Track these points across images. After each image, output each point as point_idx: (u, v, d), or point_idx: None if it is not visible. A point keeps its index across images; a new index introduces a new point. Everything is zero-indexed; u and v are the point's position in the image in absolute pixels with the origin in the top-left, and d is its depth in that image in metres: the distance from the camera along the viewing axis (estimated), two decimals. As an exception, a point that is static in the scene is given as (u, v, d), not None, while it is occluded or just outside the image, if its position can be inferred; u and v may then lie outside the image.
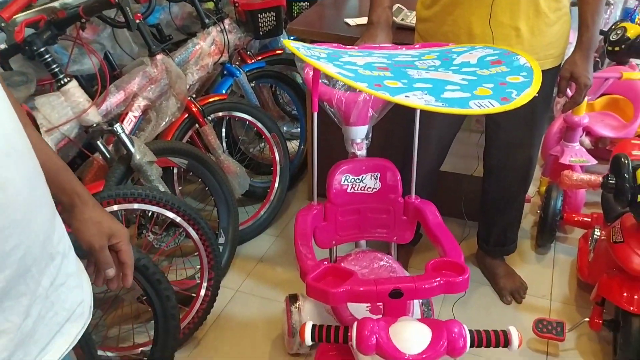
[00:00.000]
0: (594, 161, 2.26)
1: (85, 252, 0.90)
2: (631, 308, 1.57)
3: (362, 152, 1.54)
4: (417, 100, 0.92)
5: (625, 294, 1.59)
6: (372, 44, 1.59)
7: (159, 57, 2.01)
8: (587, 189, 1.67)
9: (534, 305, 2.00)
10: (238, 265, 2.20)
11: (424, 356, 1.02)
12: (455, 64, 1.12)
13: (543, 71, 1.61)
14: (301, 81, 2.72)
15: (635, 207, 1.53)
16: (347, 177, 1.47)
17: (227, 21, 2.35)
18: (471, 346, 1.05)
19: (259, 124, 2.32)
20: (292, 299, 1.69)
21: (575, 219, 2.22)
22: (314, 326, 1.09)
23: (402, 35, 1.99)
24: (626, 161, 1.56)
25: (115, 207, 1.64)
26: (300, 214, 1.46)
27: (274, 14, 2.45)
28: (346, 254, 1.59)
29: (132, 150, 1.77)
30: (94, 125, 1.77)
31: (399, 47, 1.40)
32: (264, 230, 2.39)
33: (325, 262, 1.43)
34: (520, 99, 0.96)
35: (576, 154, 2.26)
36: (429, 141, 1.77)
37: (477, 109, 0.91)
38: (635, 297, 1.58)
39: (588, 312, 1.81)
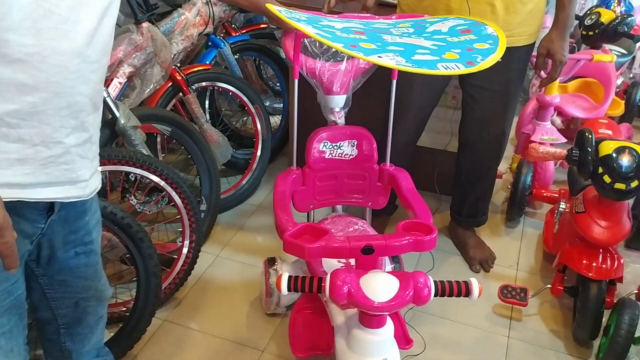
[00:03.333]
0: (563, 140, 2.37)
1: None
2: (590, 274, 1.67)
3: (341, 120, 1.60)
4: (389, 61, 0.99)
5: (584, 261, 1.69)
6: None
7: (145, 25, 2.04)
8: (552, 160, 1.76)
9: (501, 274, 2.10)
10: (219, 232, 2.26)
11: (392, 303, 1.10)
12: (428, 31, 1.19)
13: (516, 48, 1.70)
14: (284, 56, 2.77)
15: (596, 179, 1.62)
16: (326, 144, 1.54)
17: (212, -7, 2.37)
18: (435, 295, 1.13)
19: (242, 96, 2.37)
20: (270, 261, 1.76)
21: (544, 194, 2.32)
22: (289, 277, 1.16)
23: (383, 12, 2.05)
24: (590, 135, 1.65)
25: (99, 168, 1.68)
26: (280, 177, 1.53)
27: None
28: (322, 218, 1.66)
29: (117, 114, 1.82)
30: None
31: (377, 17, 1.46)
32: (245, 200, 2.46)
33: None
34: (485, 63, 1.03)
35: (547, 132, 2.35)
36: (407, 113, 1.84)
37: (444, 70, 0.98)
38: (594, 264, 1.68)
39: (551, 281, 1.91)
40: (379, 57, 1.01)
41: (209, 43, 2.40)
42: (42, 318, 1.14)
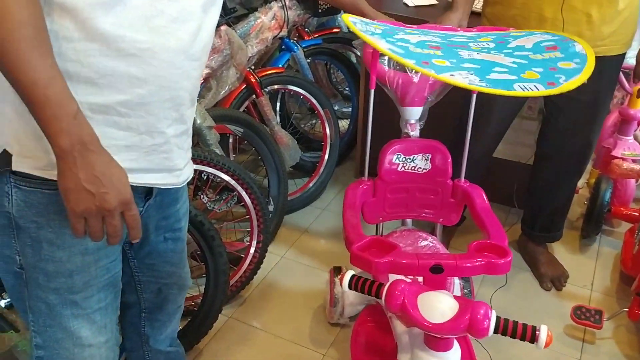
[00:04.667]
0: (642, 148, 2.23)
1: None
2: (673, 303, 1.58)
3: (414, 132, 1.58)
4: (462, 80, 0.96)
5: (668, 289, 1.60)
6: (445, 21, 1.62)
7: (223, 28, 2.09)
8: (636, 178, 1.67)
9: (574, 294, 2.02)
10: (284, 234, 2.29)
11: (443, 327, 1.05)
12: (510, 47, 1.15)
13: (609, 57, 1.63)
14: (355, 60, 2.77)
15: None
16: (399, 156, 1.52)
17: (288, -3, 2.40)
18: (495, 332, 1.04)
19: (313, 99, 2.38)
20: (336, 270, 1.76)
21: (623, 212, 2.20)
22: (352, 275, 1.15)
23: (469, 21, 2.00)
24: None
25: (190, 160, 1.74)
26: (351, 187, 1.52)
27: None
28: (391, 231, 1.65)
29: (194, 114, 1.87)
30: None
31: (458, 29, 1.42)
32: (311, 203, 2.48)
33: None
34: (567, 85, 0.97)
35: (629, 147, 2.23)
36: (486, 125, 1.80)
37: (520, 91, 0.94)
38: (678, 291, 1.59)
39: (628, 304, 1.82)
40: (451, 75, 0.98)
41: (283, 46, 2.43)
42: (127, 301, 1.21)
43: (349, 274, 1.16)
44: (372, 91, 1.45)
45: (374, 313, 1.54)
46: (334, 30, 2.65)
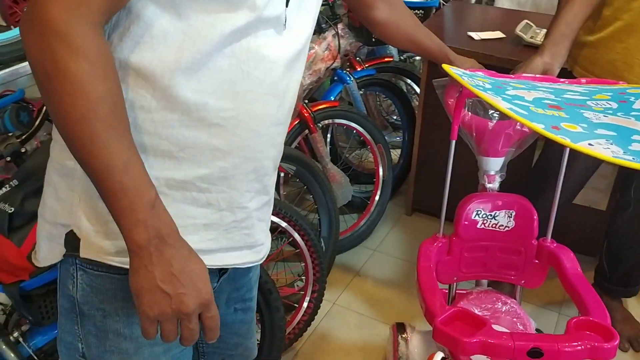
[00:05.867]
0: None
1: None
2: None
3: (492, 185, 1.44)
4: (603, 151, 0.83)
5: None
6: (548, 70, 1.46)
7: (277, 61, 1.99)
8: None
9: (654, 358, 1.85)
10: (334, 276, 2.16)
11: None
12: (636, 108, 1.01)
13: None
14: (405, 90, 2.65)
15: None
16: (479, 212, 1.39)
17: (340, 25, 2.30)
18: None
19: (367, 134, 2.27)
20: (399, 328, 1.62)
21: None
22: (443, 358, 1.02)
23: (529, 55, 1.86)
24: None
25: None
26: (425, 245, 1.39)
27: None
28: (467, 291, 1.51)
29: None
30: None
31: (560, 80, 1.29)
32: (362, 242, 2.35)
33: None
34: None
35: None
36: (569, 174, 1.65)
37: None
38: None
39: None
40: (589, 144, 0.85)
41: (335, 77, 2.33)
42: None
43: (438, 357, 1.03)
44: (454, 142, 1.33)
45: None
46: (386, 59, 2.53)
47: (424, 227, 2.45)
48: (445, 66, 1.09)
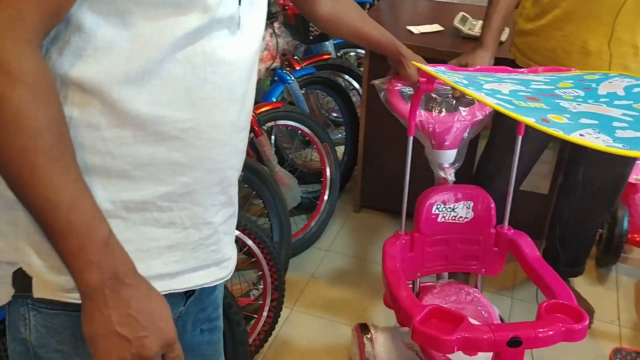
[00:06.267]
0: (662, 180, 2.18)
1: None
2: None
3: (451, 177, 1.45)
4: (595, 141, 0.82)
5: None
6: (471, 62, 1.49)
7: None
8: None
9: (603, 332, 1.92)
10: (289, 281, 2.10)
11: None
12: (601, 94, 1.02)
13: None
14: (344, 86, 2.64)
15: None
16: (439, 206, 1.39)
17: (276, 24, 2.24)
18: None
19: (311, 133, 2.23)
20: (363, 328, 1.60)
21: (639, 239, 2.14)
22: None
23: (467, 47, 1.89)
24: None
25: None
26: (388, 245, 1.37)
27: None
28: (430, 285, 1.51)
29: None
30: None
31: (518, 70, 1.29)
32: (313, 244, 2.31)
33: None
34: None
35: (641, 171, 2.18)
36: (520, 162, 1.67)
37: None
38: None
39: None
40: (580, 135, 0.84)
41: (275, 78, 2.27)
42: None
43: None
44: (411, 138, 1.31)
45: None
46: (325, 56, 2.50)
47: (373, 223, 2.44)
48: (415, 63, 1.07)
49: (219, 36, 0.72)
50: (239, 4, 0.74)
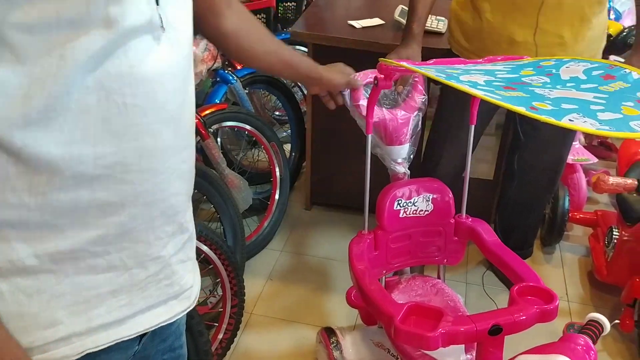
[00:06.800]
0: (594, 159, 2.30)
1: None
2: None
3: (406, 170, 1.45)
4: (583, 125, 0.82)
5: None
6: (414, 59, 1.50)
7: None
8: (623, 192, 1.68)
9: (554, 308, 2.00)
10: (246, 285, 2.05)
11: None
12: (565, 79, 1.03)
13: None
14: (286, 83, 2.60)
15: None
16: (400, 202, 1.38)
17: (213, 23, 2.18)
18: None
19: (259, 134, 2.19)
20: (329, 332, 1.55)
21: (579, 216, 2.24)
22: None
23: (429, 41, 1.88)
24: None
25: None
26: (354, 246, 1.34)
27: (264, 16, 2.32)
28: (395, 279, 1.51)
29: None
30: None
31: (477, 60, 1.30)
32: (267, 245, 2.27)
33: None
34: None
35: (577, 152, 2.28)
36: (458, 145, 1.70)
37: (635, 130, 0.82)
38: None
39: (606, 312, 1.83)
40: (570, 120, 0.84)
41: (217, 79, 2.21)
42: None
43: None
44: (370, 136, 1.30)
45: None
46: (265, 55, 2.46)
47: (325, 220, 2.43)
48: (386, 60, 1.06)
49: (137, 48, 0.63)
50: (157, 4, 0.65)
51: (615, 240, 1.93)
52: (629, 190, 1.63)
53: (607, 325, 1.05)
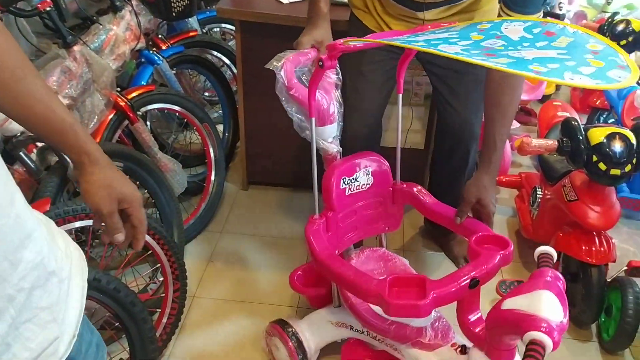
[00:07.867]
0: (516, 124, 2.41)
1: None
2: (591, 260, 1.71)
3: (338, 147, 1.45)
4: (580, 81, 0.84)
5: (583, 248, 1.73)
6: (325, 36, 1.48)
7: (77, 48, 1.75)
8: (545, 153, 1.77)
9: (487, 267, 2.10)
10: (187, 268, 2.03)
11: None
12: (517, 40, 1.04)
13: None
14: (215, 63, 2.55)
15: (591, 167, 1.64)
16: (344, 180, 1.39)
17: (134, 1, 2.10)
18: None
19: (190, 115, 2.14)
20: (282, 324, 1.54)
21: (504, 180, 2.36)
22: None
23: (338, 13, 1.88)
24: (577, 124, 1.67)
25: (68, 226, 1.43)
26: (311, 233, 1.33)
27: (186, -8, 2.24)
28: (348, 257, 1.52)
29: (67, 159, 1.54)
30: (17, 135, 1.51)
31: (405, 32, 1.31)
32: (206, 227, 2.24)
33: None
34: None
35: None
36: (362, 101, 1.71)
37: (617, 81, 0.86)
38: (593, 249, 1.72)
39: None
40: (570, 79, 0.86)
41: (142, 60, 2.13)
42: None
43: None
44: (314, 120, 1.29)
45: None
46: (191, 34, 2.39)
47: (263, 199, 2.43)
48: (349, 40, 1.05)
49: None
50: None
51: (539, 200, 2.04)
52: (551, 150, 1.72)
53: (554, 254, 1.12)
